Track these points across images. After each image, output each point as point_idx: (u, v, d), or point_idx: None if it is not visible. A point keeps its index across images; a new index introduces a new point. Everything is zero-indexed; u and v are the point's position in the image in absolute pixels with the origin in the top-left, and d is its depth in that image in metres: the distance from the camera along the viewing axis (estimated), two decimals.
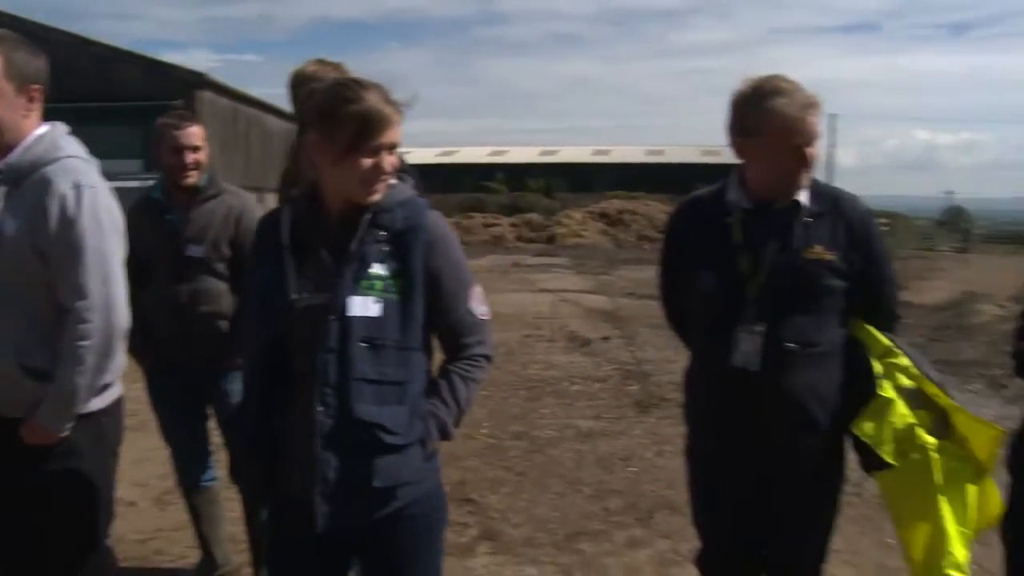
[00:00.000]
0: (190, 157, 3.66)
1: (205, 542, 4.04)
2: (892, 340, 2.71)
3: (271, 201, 9.40)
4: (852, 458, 2.82)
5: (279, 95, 3.65)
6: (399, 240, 2.23)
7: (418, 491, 2.28)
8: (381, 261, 2.21)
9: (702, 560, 3.02)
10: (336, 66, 3.28)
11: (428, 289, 2.24)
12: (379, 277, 2.19)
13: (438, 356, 2.39)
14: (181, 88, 19.30)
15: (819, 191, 2.71)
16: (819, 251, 2.61)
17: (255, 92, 23.51)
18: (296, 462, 2.21)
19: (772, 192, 2.65)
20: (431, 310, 2.26)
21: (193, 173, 3.69)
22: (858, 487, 5.01)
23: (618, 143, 58.01)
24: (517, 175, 48.31)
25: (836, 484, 2.82)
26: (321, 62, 3.35)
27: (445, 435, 2.30)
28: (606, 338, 10.94)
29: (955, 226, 43.68)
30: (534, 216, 35.26)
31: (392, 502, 2.23)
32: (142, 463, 5.49)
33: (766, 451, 2.69)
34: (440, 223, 2.32)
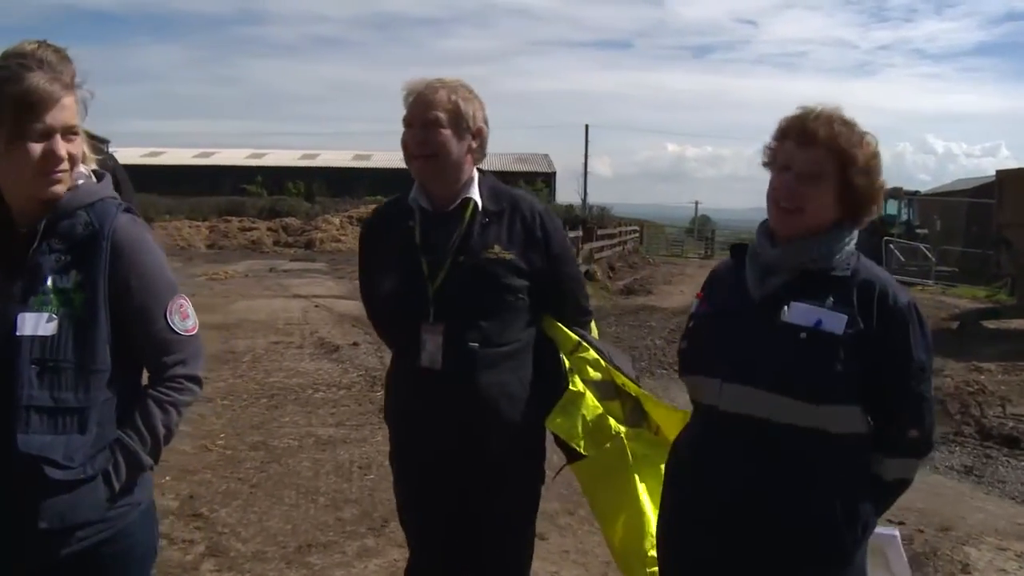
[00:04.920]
0: None
1: None
2: (580, 335, 2.81)
3: None
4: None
5: None
6: (80, 248, 2.01)
7: (109, 529, 2.04)
8: (59, 272, 1.98)
9: (410, 573, 2.97)
10: (58, 50, 3.01)
11: (116, 303, 2.01)
12: (56, 291, 1.97)
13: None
14: None
15: (498, 192, 2.77)
16: (497, 250, 2.66)
17: None
18: None
19: (441, 190, 2.71)
20: (124, 327, 2.04)
21: None
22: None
23: (379, 148, 57.82)
24: (277, 178, 47.13)
25: (534, 484, 2.87)
26: (45, 44, 3.05)
27: (136, 467, 2.07)
28: (355, 344, 10.82)
29: (701, 234, 46.64)
30: (292, 220, 34.54)
31: (72, 543, 1.99)
32: None
33: (462, 454, 2.68)
34: (130, 228, 2.08)
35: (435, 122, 2.63)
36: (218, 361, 9.30)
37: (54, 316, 1.95)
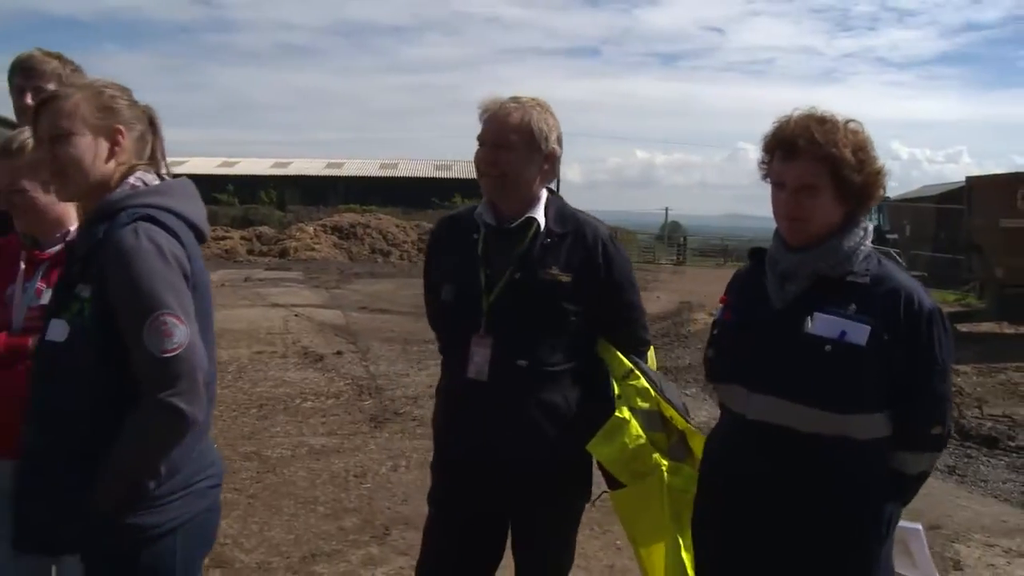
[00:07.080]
0: None
1: None
2: (634, 362, 2.79)
3: None
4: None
5: None
6: (91, 258, 2.03)
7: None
8: (82, 281, 2.03)
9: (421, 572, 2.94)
10: (59, 56, 3.21)
11: (115, 316, 1.98)
12: (76, 299, 2.01)
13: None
14: None
15: (564, 215, 2.79)
16: (555, 272, 2.67)
17: None
18: None
19: (507, 208, 2.72)
20: (123, 341, 1.99)
21: None
22: None
23: (351, 156, 57.73)
24: (249, 187, 46.81)
25: (574, 503, 2.87)
26: (44, 52, 3.24)
27: (114, 492, 2.00)
28: (339, 353, 10.84)
29: (672, 240, 46.83)
30: (266, 229, 34.36)
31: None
32: None
33: (503, 467, 2.68)
34: (126, 238, 1.98)
35: (506, 144, 2.64)
36: None
37: (67, 324, 2.00)
